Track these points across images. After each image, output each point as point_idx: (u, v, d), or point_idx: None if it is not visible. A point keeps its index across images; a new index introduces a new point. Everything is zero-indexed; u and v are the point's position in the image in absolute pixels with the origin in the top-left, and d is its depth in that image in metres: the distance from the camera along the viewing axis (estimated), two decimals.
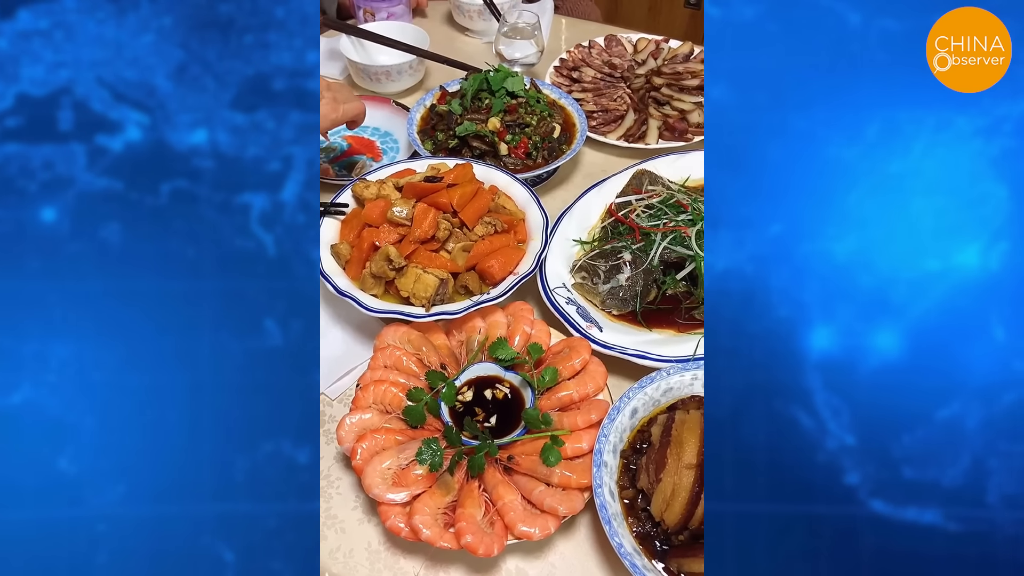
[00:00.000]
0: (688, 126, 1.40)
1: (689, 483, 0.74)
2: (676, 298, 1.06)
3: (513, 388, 0.90)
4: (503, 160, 1.23)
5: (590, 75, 1.54)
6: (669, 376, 0.87)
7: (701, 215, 1.07)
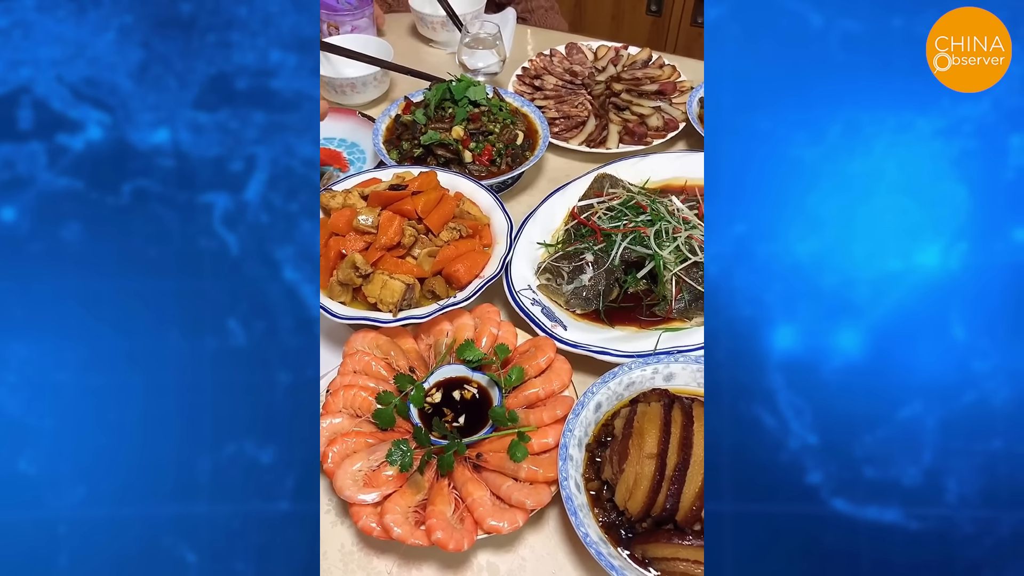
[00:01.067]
0: (647, 130, 1.43)
1: (650, 472, 0.76)
2: (637, 296, 1.10)
3: (481, 388, 0.92)
4: (468, 167, 1.26)
5: (552, 83, 1.59)
6: (631, 371, 0.90)
7: (659, 216, 1.11)
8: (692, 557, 0.74)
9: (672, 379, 0.91)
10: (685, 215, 1.13)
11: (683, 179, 1.29)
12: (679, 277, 1.05)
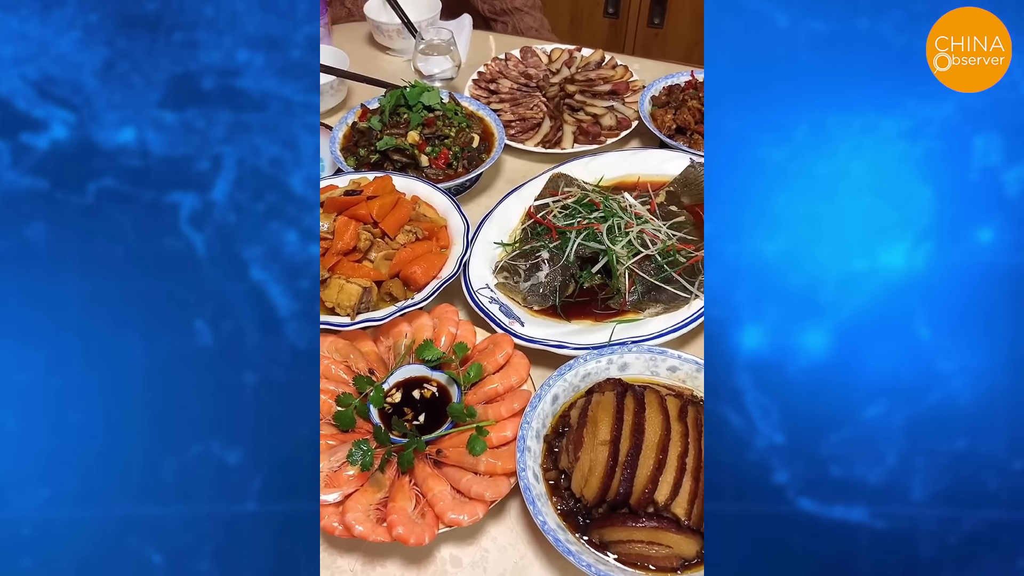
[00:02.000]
0: (601, 129, 1.46)
1: (604, 459, 0.78)
2: (593, 290, 1.12)
3: (440, 386, 0.94)
4: (425, 171, 1.28)
5: (507, 86, 1.62)
6: (586, 362, 0.92)
7: (612, 212, 1.14)
8: (646, 538, 0.76)
9: (626, 369, 0.93)
10: (637, 210, 1.17)
11: (636, 175, 1.33)
12: (632, 270, 1.08)
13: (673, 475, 0.77)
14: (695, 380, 0.92)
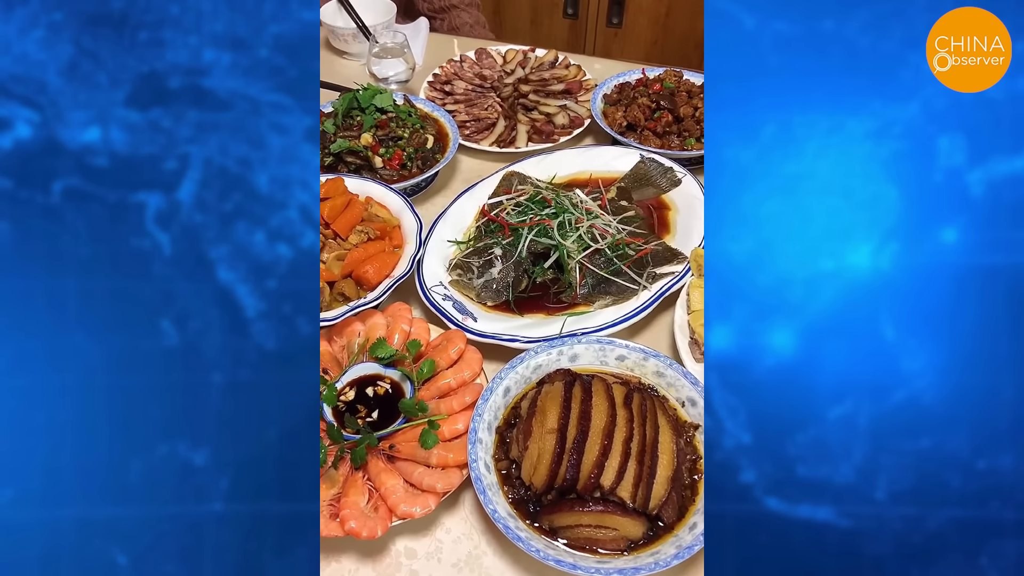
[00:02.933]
0: (554, 128, 1.49)
1: (551, 446, 0.80)
2: (545, 285, 1.14)
3: (394, 383, 0.95)
4: (379, 172, 1.30)
5: (462, 87, 1.64)
6: (537, 355, 0.94)
7: (564, 208, 1.17)
8: (594, 522, 0.78)
9: (576, 359, 0.95)
10: (588, 206, 1.19)
11: (588, 172, 1.36)
12: (582, 264, 1.10)
13: (618, 460, 0.79)
14: (642, 368, 0.94)
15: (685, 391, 0.90)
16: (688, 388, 0.90)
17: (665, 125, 1.41)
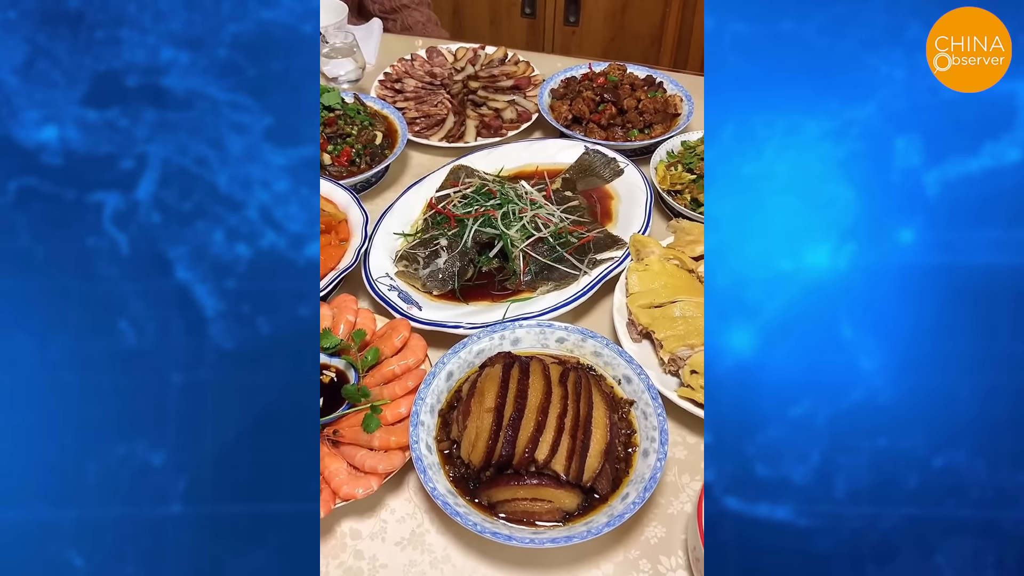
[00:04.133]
0: (503, 122, 1.54)
1: (488, 424, 0.83)
2: (491, 273, 1.19)
3: (339, 372, 0.97)
4: (327, 169, 1.33)
5: (412, 85, 1.68)
6: (480, 340, 0.98)
7: (508, 199, 1.21)
8: (529, 496, 0.81)
9: (518, 343, 0.99)
10: (533, 197, 1.24)
11: (535, 165, 1.40)
12: (526, 252, 1.15)
13: (552, 435, 0.81)
14: (581, 349, 0.97)
15: (621, 369, 0.93)
16: (624, 366, 0.93)
17: (609, 117, 1.45)
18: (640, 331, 1.02)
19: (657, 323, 1.00)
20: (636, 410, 0.90)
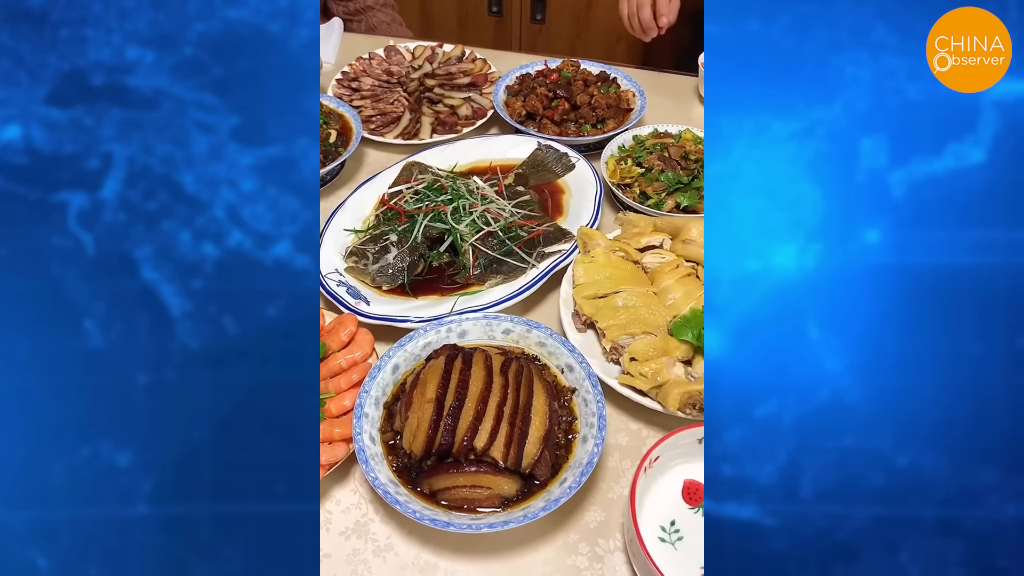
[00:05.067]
0: (458, 119, 1.55)
1: (429, 415, 0.84)
2: (441, 268, 1.21)
3: None
4: None
5: (369, 83, 1.70)
6: (426, 333, 0.99)
7: (459, 194, 1.24)
8: (468, 483, 0.82)
9: (465, 335, 1.00)
10: (484, 192, 1.26)
11: (488, 160, 1.43)
12: (475, 246, 1.16)
13: (491, 423, 0.83)
14: (526, 339, 0.99)
15: (564, 358, 0.95)
16: (566, 355, 0.95)
17: (562, 113, 1.48)
18: (584, 321, 1.04)
19: (600, 313, 1.02)
20: (577, 397, 0.92)
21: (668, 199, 1.26)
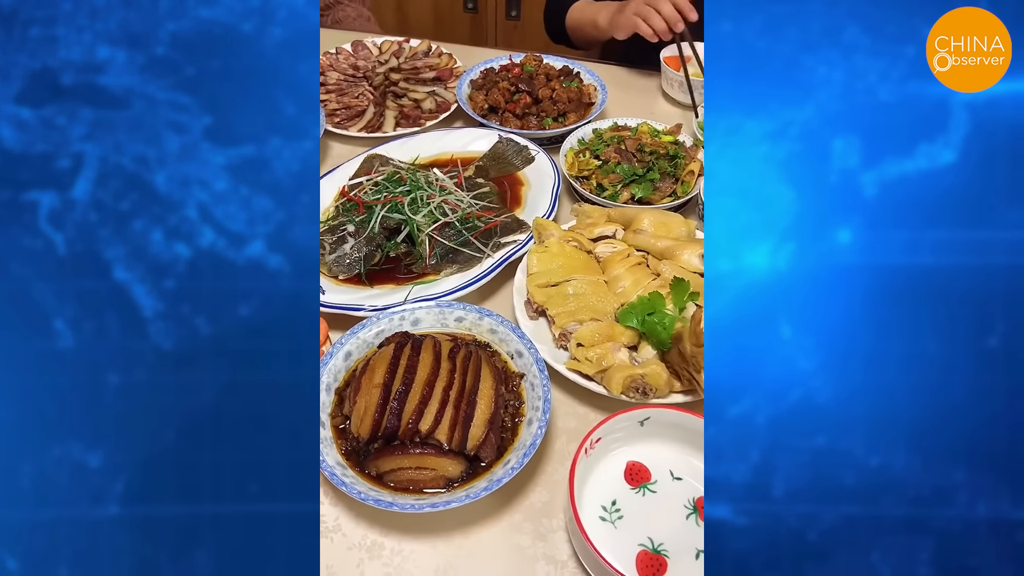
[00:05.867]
0: (421, 113, 1.58)
1: (375, 399, 0.86)
2: (398, 258, 1.22)
3: None
4: None
5: (335, 78, 1.72)
6: (380, 321, 1.01)
7: (418, 186, 1.25)
8: (413, 464, 0.84)
9: (418, 324, 1.03)
10: (444, 183, 1.28)
11: (450, 153, 1.45)
12: (432, 237, 1.18)
13: (436, 407, 0.85)
14: (479, 327, 1.01)
15: (514, 344, 0.97)
16: (516, 342, 0.97)
17: (524, 107, 1.50)
18: (536, 309, 1.06)
19: (551, 300, 1.04)
20: (525, 382, 0.93)
21: (624, 191, 1.28)
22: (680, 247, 1.06)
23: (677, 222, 1.13)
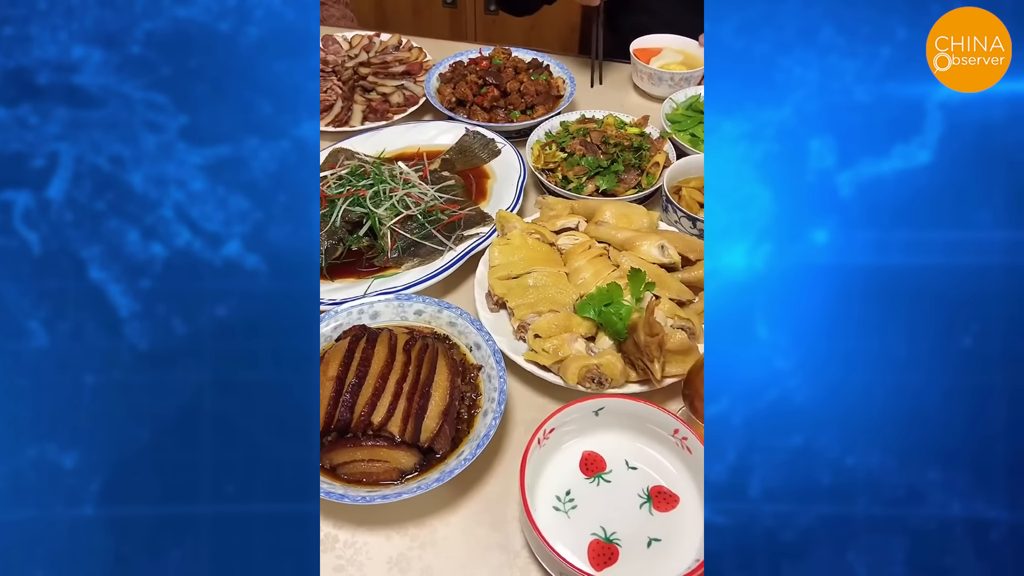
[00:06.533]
0: (389, 107, 1.58)
1: (328, 392, 0.86)
2: (361, 252, 1.21)
3: None
4: None
5: None
6: (338, 314, 1.01)
7: (381, 179, 1.25)
8: (366, 457, 0.84)
9: (377, 317, 1.02)
10: (408, 176, 1.28)
11: (416, 147, 1.45)
12: (394, 230, 1.18)
13: (389, 399, 0.85)
14: (438, 320, 1.02)
15: (472, 337, 0.97)
16: (475, 334, 0.97)
17: (492, 100, 1.50)
18: (496, 301, 1.06)
19: (511, 293, 1.04)
20: (483, 374, 0.94)
21: (589, 183, 1.29)
22: (639, 238, 1.07)
23: (639, 213, 1.14)
